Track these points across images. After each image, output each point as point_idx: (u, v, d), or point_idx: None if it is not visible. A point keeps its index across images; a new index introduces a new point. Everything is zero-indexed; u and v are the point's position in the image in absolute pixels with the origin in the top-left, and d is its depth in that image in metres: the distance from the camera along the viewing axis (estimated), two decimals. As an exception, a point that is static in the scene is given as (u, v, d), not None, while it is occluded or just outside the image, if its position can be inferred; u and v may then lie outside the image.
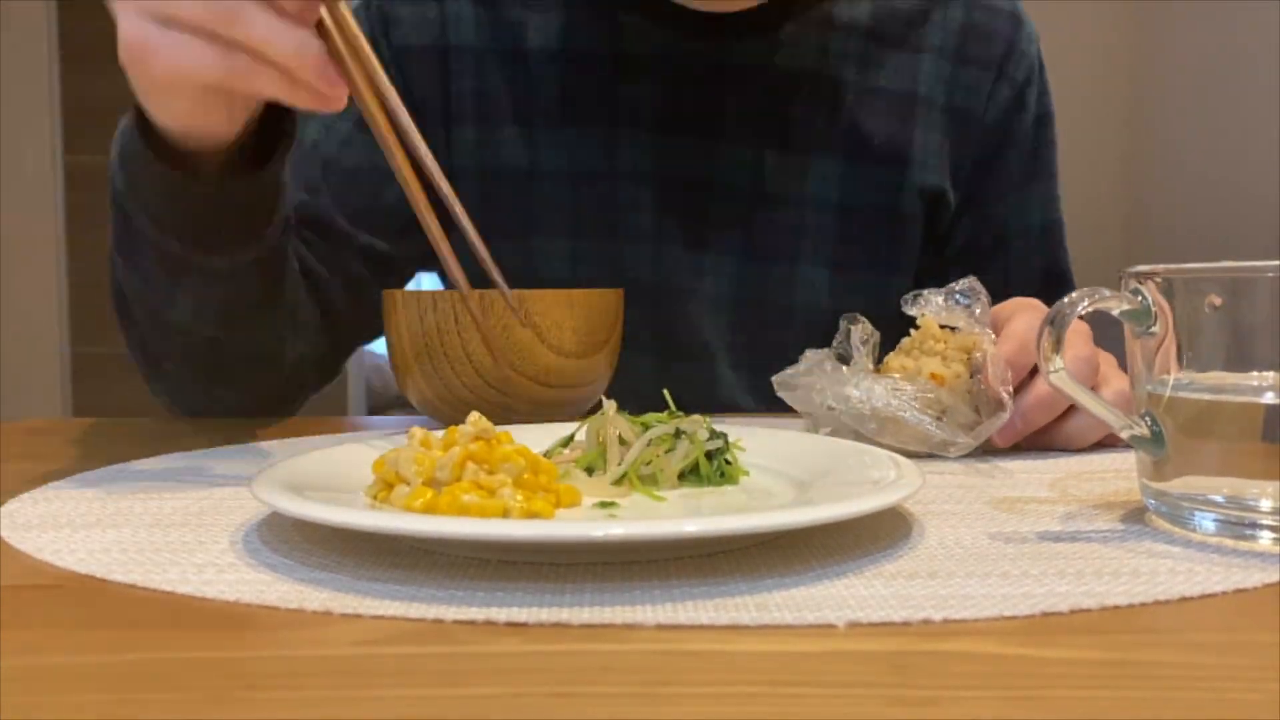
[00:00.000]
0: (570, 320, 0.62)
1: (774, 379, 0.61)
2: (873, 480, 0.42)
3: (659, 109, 0.83)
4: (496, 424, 0.45)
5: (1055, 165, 0.90)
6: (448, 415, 0.62)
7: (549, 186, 0.84)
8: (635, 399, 0.85)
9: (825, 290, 0.85)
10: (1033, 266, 0.89)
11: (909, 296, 0.61)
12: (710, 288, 0.85)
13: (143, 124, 0.58)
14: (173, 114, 0.56)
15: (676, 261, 0.84)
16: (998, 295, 0.88)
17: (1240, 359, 0.40)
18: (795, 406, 0.60)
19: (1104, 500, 0.46)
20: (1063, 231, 0.91)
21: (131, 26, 0.50)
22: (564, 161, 0.84)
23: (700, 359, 0.86)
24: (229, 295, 0.66)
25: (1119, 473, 0.52)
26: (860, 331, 0.59)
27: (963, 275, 0.84)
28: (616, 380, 0.68)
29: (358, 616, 0.31)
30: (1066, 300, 0.41)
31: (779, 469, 0.49)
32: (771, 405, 0.85)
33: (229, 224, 0.63)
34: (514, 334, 0.60)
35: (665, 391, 0.57)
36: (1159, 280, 0.40)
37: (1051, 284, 0.89)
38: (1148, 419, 0.41)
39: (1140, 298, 0.41)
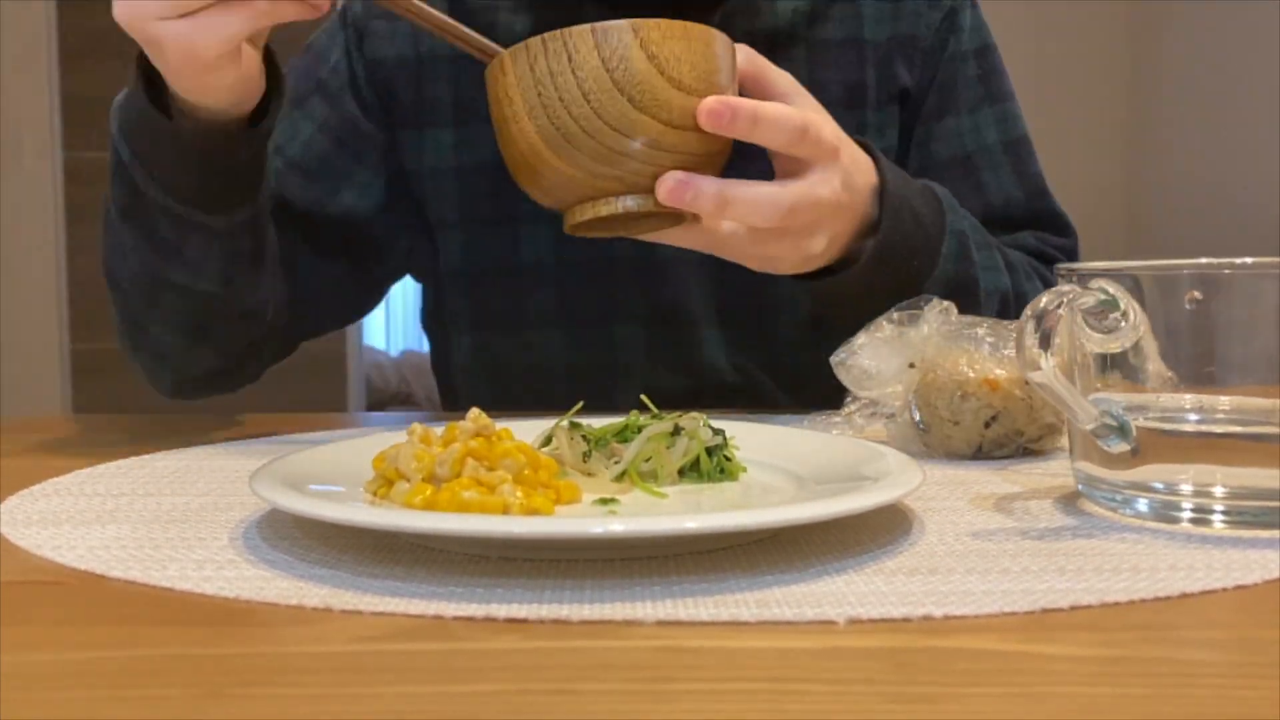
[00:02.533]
0: (688, 54, 0.58)
1: (833, 360, 0.60)
2: (873, 476, 0.42)
3: None
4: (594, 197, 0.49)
5: (1008, 89, 0.95)
6: (573, 193, 0.60)
7: None
8: (625, 371, 0.87)
9: None
10: (1003, 181, 0.93)
11: None
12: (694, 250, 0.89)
13: (150, 95, 0.64)
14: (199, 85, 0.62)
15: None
16: (976, 212, 0.88)
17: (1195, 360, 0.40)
18: (849, 386, 0.59)
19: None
20: (1027, 146, 0.95)
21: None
22: None
23: (686, 324, 0.88)
24: (226, 252, 0.72)
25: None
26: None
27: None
28: (607, 352, 0.68)
29: (357, 613, 0.31)
30: (1046, 298, 0.40)
31: (779, 465, 0.49)
32: (749, 365, 0.88)
33: (229, 184, 0.69)
34: (632, 65, 0.57)
35: (643, 396, 0.58)
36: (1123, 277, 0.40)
37: (1033, 196, 0.93)
38: (1113, 415, 0.41)
39: (1107, 295, 0.40)
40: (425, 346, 1.00)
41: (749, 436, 0.52)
